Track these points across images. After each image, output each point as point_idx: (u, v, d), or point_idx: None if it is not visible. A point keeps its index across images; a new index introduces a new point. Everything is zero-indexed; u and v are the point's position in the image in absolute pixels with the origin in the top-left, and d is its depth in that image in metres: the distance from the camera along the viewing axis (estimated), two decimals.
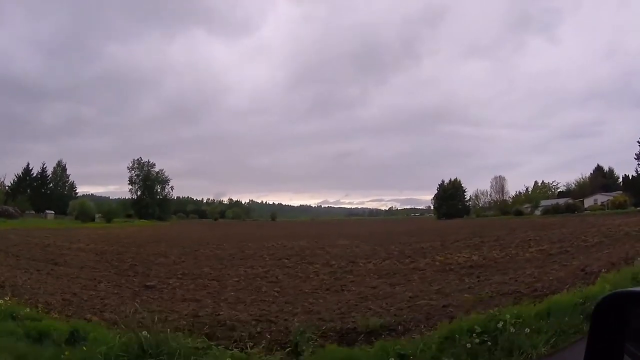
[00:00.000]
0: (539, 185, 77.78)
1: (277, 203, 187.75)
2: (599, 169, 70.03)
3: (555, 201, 59.97)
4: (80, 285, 9.40)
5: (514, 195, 76.92)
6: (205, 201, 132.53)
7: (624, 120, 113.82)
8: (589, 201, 63.35)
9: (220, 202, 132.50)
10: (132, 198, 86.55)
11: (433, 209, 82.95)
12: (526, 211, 64.06)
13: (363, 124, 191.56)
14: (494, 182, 78.29)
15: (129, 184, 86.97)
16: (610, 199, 55.38)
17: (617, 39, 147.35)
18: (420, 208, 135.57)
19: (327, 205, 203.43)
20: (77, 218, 57.20)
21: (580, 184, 72.08)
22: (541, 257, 12.19)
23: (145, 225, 62.15)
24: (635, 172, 59.89)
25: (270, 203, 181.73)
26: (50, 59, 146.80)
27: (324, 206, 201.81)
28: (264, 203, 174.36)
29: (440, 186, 77.66)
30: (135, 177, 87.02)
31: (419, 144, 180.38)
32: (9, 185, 65.46)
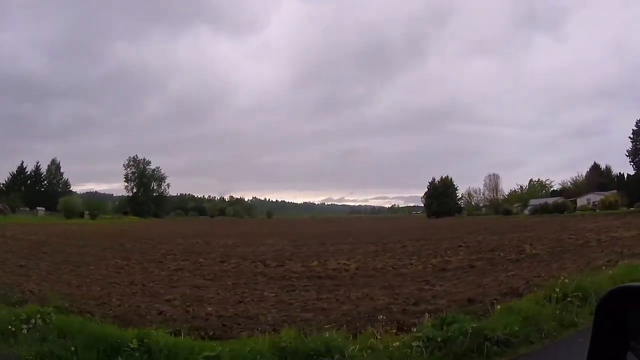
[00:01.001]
0: (535, 183, 74.78)
1: (281, 200, 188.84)
2: (595, 167, 66.66)
3: (544, 200, 57.46)
4: None
5: (509, 193, 74.38)
6: (207, 198, 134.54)
7: (630, 118, 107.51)
8: (582, 200, 60.61)
9: (222, 200, 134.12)
10: (128, 195, 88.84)
11: (424, 207, 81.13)
12: (515, 210, 61.91)
13: (368, 123, 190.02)
14: (488, 180, 75.97)
15: (124, 181, 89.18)
16: (600, 198, 52.69)
17: (624, 36, 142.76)
18: (422, 206, 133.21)
19: (331, 203, 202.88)
20: (64, 214, 58.85)
21: (576, 182, 68.94)
22: (430, 272, 10.49)
23: (131, 221, 63.49)
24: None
25: (274, 200, 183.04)
26: (56, 58, 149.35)
27: (327, 204, 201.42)
28: (267, 200, 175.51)
29: (431, 184, 75.81)
30: (131, 175, 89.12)
31: (424, 143, 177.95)
32: (3, 183, 68.09)
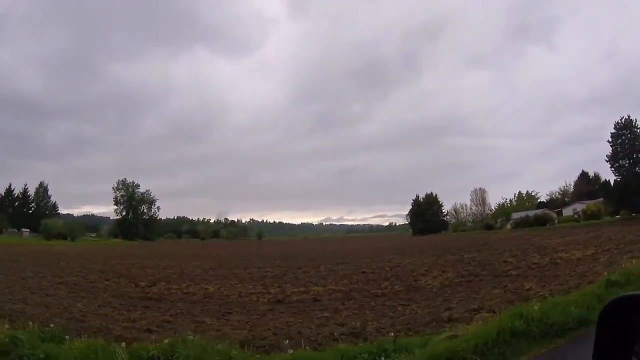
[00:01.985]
0: (524, 195, 72.67)
1: (278, 222, 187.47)
2: (584, 175, 64.38)
3: (525, 213, 55.49)
4: None
5: (497, 207, 72.42)
6: (202, 221, 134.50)
7: None
8: (568, 210, 58.49)
9: (217, 222, 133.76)
10: (117, 218, 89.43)
11: (409, 225, 79.26)
12: (498, 225, 60.04)
13: (365, 140, 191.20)
14: (474, 195, 74.31)
15: (114, 204, 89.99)
16: (582, 208, 50.67)
17: (615, 43, 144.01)
18: None
19: (329, 223, 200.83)
20: (44, 236, 59.80)
21: (565, 192, 66.77)
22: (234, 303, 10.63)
23: (106, 244, 63.30)
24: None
25: (271, 222, 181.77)
26: (54, 77, 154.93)
27: (325, 223, 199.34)
28: (265, 222, 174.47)
29: (415, 201, 74.21)
30: (120, 198, 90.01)
31: (422, 158, 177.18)
32: None
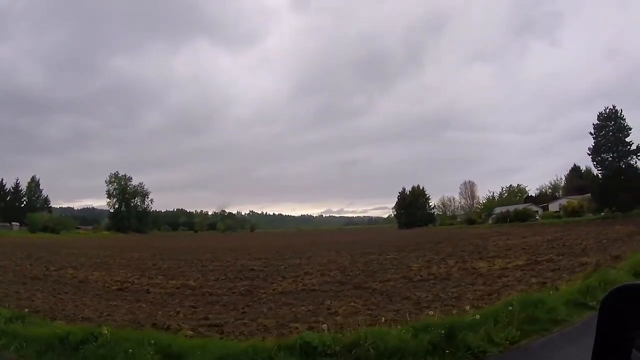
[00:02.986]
0: (515, 189, 71.13)
1: (278, 214, 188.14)
2: (575, 169, 62.45)
3: (507, 208, 54.29)
4: None
5: (486, 200, 71.14)
6: (199, 213, 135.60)
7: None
8: (554, 206, 57.02)
9: (214, 214, 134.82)
10: (110, 211, 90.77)
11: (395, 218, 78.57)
12: (482, 219, 59.02)
13: (367, 133, 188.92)
14: (463, 188, 73.07)
15: (107, 197, 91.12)
16: (563, 204, 49.28)
17: (618, 38, 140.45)
18: None
19: (329, 215, 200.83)
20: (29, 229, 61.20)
21: (554, 186, 65.17)
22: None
23: (88, 236, 64.23)
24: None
25: (271, 214, 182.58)
26: (54, 72, 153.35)
27: (325, 215, 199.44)
28: (264, 214, 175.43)
29: (401, 194, 73.35)
30: (113, 191, 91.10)
31: (424, 151, 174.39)
32: None
